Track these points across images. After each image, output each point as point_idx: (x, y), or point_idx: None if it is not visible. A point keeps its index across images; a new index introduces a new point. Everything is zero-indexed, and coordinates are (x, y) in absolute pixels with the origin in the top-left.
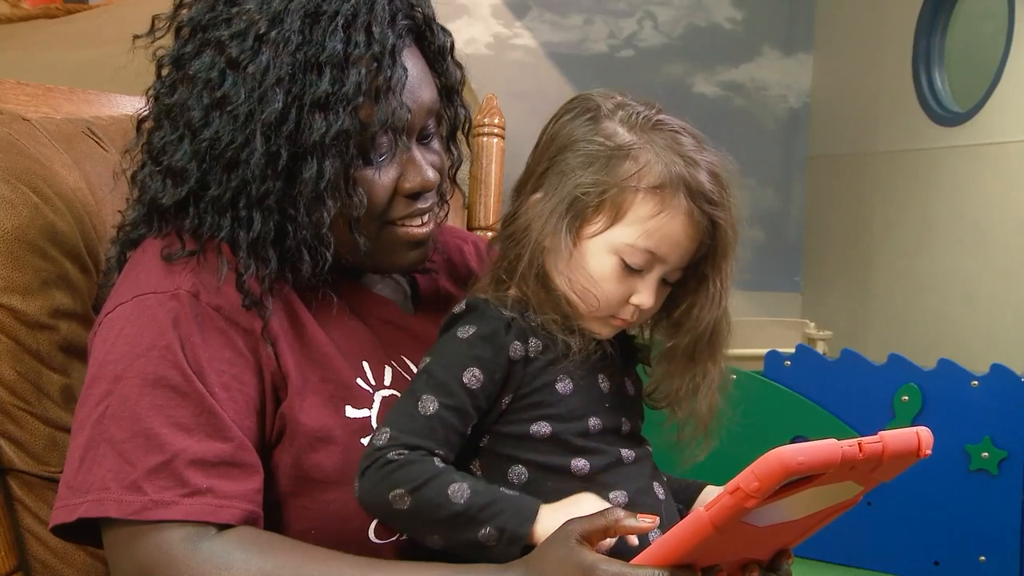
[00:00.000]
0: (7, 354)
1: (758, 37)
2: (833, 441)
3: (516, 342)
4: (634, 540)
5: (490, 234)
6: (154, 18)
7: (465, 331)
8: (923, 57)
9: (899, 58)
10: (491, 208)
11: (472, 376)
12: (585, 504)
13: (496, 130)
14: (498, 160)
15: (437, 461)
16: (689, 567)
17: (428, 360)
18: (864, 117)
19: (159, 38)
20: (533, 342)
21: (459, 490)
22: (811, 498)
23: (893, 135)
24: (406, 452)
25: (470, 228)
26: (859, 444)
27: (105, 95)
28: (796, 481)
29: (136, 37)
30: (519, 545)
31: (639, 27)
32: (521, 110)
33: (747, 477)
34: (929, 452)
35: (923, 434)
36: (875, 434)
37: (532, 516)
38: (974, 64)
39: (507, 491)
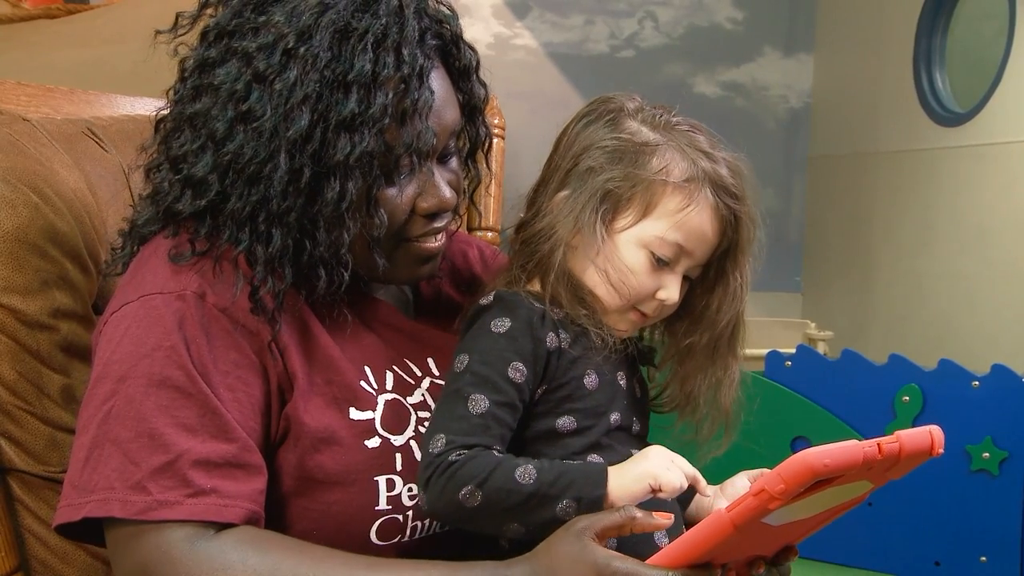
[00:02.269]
0: (7, 354)
1: (759, 37)
2: (854, 442)
3: (551, 333)
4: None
5: (490, 234)
6: (178, 15)
7: (500, 324)
8: (924, 57)
9: (900, 58)
10: (491, 208)
11: (515, 370)
12: (653, 457)
13: (496, 130)
14: (498, 160)
15: (496, 451)
16: (706, 566)
17: (467, 359)
18: (865, 117)
19: (181, 35)
20: (564, 334)
21: (525, 472)
22: (825, 497)
23: (894, 135)
24: (465, 451)
25: (470, 229)
26: (878, 445)
27: (105, 95)
28: (818, 482)
29: (158, 32)
30: (598, 509)
31: (640, 27)
32: (522, 110)
33: (772, 480)
34: (942, 451)
35: (936, 433)
36: (892, 434)
37: (603, 478)
38: (975, 64)
39: (569, 462)
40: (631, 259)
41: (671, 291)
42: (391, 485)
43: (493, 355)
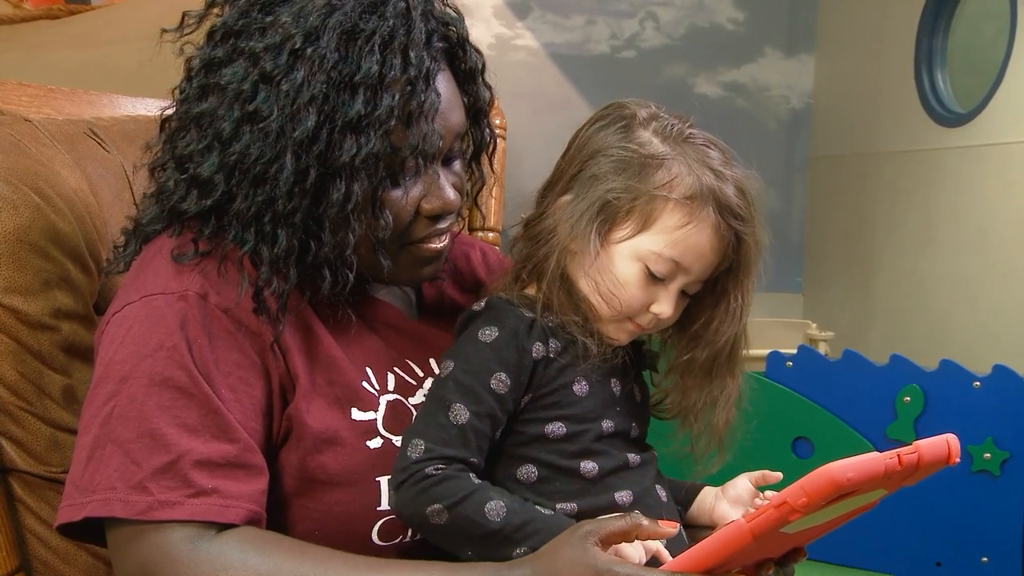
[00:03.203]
0: (9, 355)
1: (760, 38)
2: (875, 455)
3: (538, 343)
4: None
5: (491, 235)
6: (184, 14)
7: (487, 333)
8: (925, 58)
9: (901, 59)
10: (492, 209)
11: (499, 381)
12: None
13: (498, 131)
14: (500, 161)
15: (472, 476)
16: (723, 572)
17: (452, 365)
18: (866, 118)
19: (187, 34)
20: (553, 343)
21: (495, 508)
22: (841, 505)
23: (895, 136)
24: (443, 466)
25: (471, 229)
26: (898, 456)
27: (107, 96)
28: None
29: (164, 31)
30: None
31: (641, 28)
32: (523, 111)
33: (795, 492)
34: (958, 460)
35: (952, 442)
36: (910, 445)
37: None
38: (976, 65)
39: (542, 510)
40: (624, 271)
41: (664, 306)
42: None
43: (477, 364)
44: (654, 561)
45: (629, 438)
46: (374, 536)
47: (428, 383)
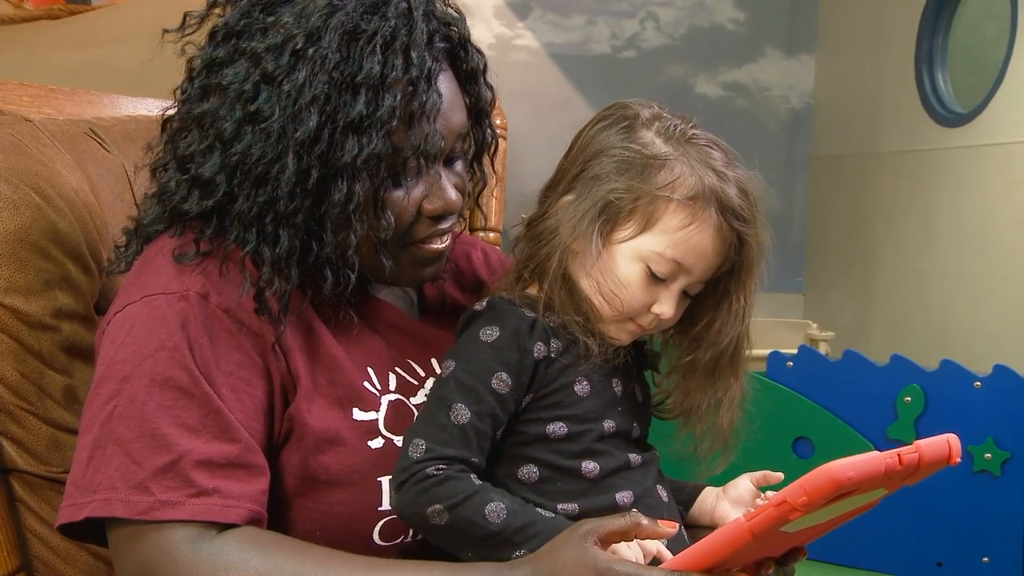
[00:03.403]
0: (9, 355)
1: (760, 38)
2: (875, 454)
3: (539, 343)
4: (652, 547)
5: (492, 235)
6: (186, 15)
7: (488, 333)
8: (926, 58)
9: (902, 59)
10: (493, 209)
11: (500, 381)
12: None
13: (498, 131)
14: (500, 161)
15: (474, 477)
16: (723, 571)
17: (453, 365)
18: (866, 118)
19: (188, 34)
20: (554, 343)
21: (496, 510)
22: (841, 504)
23: (896, 136)
24: (444, 467)
25: (472, 229)
26: (899, 456)
27: (107, 96)
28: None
29: (166, 31)
30: None
31: (641, 28)
32: (523, 111)
33: (795, 491)
34: (959, 460)
35: (953, 442)
36: (911, 444)
37: None
38: (977, 65)
39: (543, 511)
40: (626, 271)
41: (665, 307)
42: None
43: (478, 364)
44: (655, 560)
45: (630, 438)
46: (375, 536)
47: (429, 383)
